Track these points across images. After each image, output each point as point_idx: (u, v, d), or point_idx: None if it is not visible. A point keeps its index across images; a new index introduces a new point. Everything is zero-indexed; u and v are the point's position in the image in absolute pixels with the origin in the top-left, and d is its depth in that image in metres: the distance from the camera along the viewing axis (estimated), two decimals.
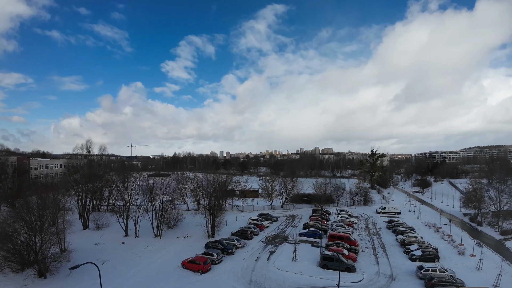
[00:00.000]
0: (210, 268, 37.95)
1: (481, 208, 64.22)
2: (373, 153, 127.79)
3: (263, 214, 68.22)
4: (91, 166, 78.13)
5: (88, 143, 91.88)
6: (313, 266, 39.43)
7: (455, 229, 58.41)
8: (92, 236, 52.20)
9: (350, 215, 70.43)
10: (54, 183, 67.84)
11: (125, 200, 54.96)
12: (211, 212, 52.51)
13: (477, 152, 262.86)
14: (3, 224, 37.44)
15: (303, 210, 78.55)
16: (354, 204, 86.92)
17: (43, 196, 43.02)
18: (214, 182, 61.86)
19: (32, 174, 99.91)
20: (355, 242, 47.54)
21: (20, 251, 35.63)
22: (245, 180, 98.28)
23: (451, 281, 33.38)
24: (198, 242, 49.13)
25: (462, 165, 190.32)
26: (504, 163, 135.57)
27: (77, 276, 34.77)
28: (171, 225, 56.05)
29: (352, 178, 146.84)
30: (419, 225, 62.51)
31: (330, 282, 34.09)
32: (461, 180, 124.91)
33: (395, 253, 45.53)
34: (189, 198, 77.47)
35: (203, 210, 55.79)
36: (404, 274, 37.50)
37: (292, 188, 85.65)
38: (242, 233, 51.74)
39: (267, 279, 35.43)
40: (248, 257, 42.75)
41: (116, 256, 42.69)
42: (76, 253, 43.02)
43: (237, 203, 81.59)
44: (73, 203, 59.32)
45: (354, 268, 38.18)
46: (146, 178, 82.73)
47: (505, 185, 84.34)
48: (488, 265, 39.40)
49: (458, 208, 78.22)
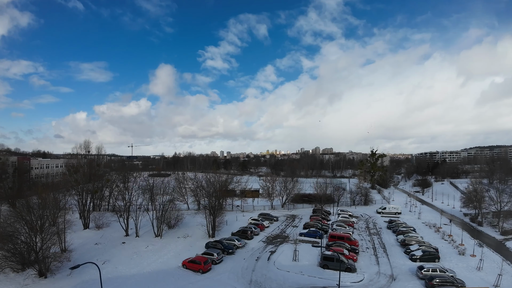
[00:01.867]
0: (211, 268, 37.97)
1: (482, 208, 64.11)
2: (374, 153, 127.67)
3: (264, 214, 68.19)
4: (91, 166, 78.08)
5: (86, 142, 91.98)
6: (314, 266, 39.43)
7: (456, 229, 58.34)
8: (93, 236, 52.25)
9: (350, 215, 70.42)
10: (54, 183, 67.86)
11: (125, 200, 55.03)
12: (212, 212, 52.54)
13: (478, 152, 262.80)
14: (4, 224, 37.65)
15: (304, 210, 78.48)
16: (355, 204, 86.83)
17: (43, 196, 43.11)
18: (214, 182, 61.87)
19: (33, 174, 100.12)
20: (356, 242, 47.55)
21: (21, 251, 35.73)
22: (245, 180, 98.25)
23: (452, 281, 33.39)
24: (198, 242, 49.16)
25: (463, 165, 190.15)
26: (504, 163, 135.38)
27: (77, 276, 34.88)
28: (171, 225, 56.07)
29: (353, 178, 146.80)
30: (420, 225, 62.44)
31: (331, 282, 34.10)
32: (461, 180, 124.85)
33: (396, 253, 45.49)
34: (190, 198, 77.54)
35: (204, 210, 55.80)
36: (405, 274, 37.50)
37: (293, 188, 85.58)
38: (243, 233, 51.77)
39: (268, 279, 35.43)
40: (249, 257, 42.76)
41: (117, 256, 42.77)
42: (77, 253, 43.20)
43: (237, 203, 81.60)
44: (73, 203, 59.40)
45: (355, 268, 38.19)
46: (146, 178, 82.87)
47: (506, 185, 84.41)
48: (489, 265, 39.36)
49: (459, 208, 78.15)
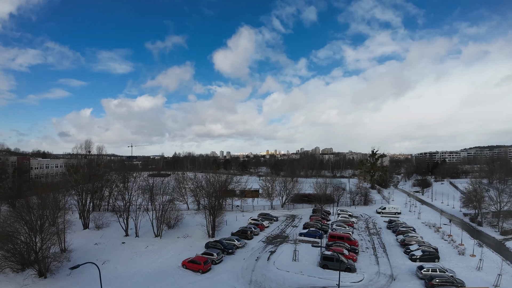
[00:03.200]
0: (210, 268, 37.98)
1: (482, 208, 64.16)
2: (374, 153, 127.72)
3: (263, 214, 68.20)
4: (91, 166, 78.09)
5: (87, 142, 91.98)
6: (313, 266, 39.42)
7: (455, 229, 58.34)
8: (92, 236, 52.21)
9: (350, 215, 70.46)
10: (54, 183, 67.84)
11: (125, 200, 55.01)
12: (211, 212, 52.54)
13: (478, 152, 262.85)
14: (4, 224, 37.58)
15: (303, 210, 78.50)
16: (354, 204, 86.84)
17: (43, 196, 43.12)
18: (214, 182, 61.87)
19: (33, 174, 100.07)
20: (355, 242, 47.56)
21: (21, 251, 35.71)
22: (245, 180, 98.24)
23: (451, 281, 33.38)
24: (198, 242, 49.16)
25: (463, 165, 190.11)
26: (504, 163, 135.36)
27: (77, 276, 34.86)
28: (171, 225, 56.06)
29: (353, 178, 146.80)
30: (419, 225, 62.44)
31: (330, 282, 34.09)
32: (461, 180, 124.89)
33: (395, 253, 45.50)
34: (190, 198, 77.52)
35: (203, 210, 55.80)
36: (404, 274, 37.50)
37: (292, 188, 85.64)
38: (242, 233, 51.78)
39: (267, 279, 35.43)
40: (248, 257, 42.76)
41: (117, 256, 42.75)
42: (76, 253, 43.18)
43: (237, 203, 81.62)
44: (73, 203, 59.36)
45: (354, 268, 38.19)
46: (146, 178, 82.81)
47: (506, 185, 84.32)
48: (488, 265, 39.34)
49: (459, 208, 78.19)
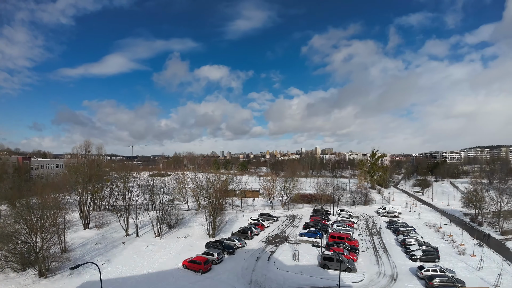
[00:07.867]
0: (211, 268, 37.97)
1: (482, 208, 64.16)
2: (374, 153, 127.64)
3: (264, 214, 68.16)
4: (91, 166, 78.03)
5: (87, 142, 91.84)
6: (314, 266, 39.42)
7: (456, 229, 58.36)
8: (93, 236, 52.18)
9: (350, 215, 70.42)
10: (54, 183, 67.87)
11: (125, 199, 55.03)
12: (212, 212, 52.53)
13: (478, 152, 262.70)
14: (4, 224, 37.64)
15: (304, 210, 78.50)
16: (355, 204, 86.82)
17: (43, 196, 43.12)
18: (214, 182, 61.87)
19: (33, 174, 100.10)
20: (356, 242, 47.59)
21: (21, 251, 35.75)
22: (245, 180, 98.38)
23: (452, 281, 33.39)
24: (198, 241, 49.15)
25: (463, 165, 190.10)
26: (504, 163, 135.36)
27: (77, 276, 34.87)
28: (171, 225, 56.03)
29: (353, 178, 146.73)
30: (420, 225, 62.42)
31: (331, 282, 34.09)
32: (461, 180, 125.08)
33: (396, 253, 45.48)
34: (190, 198, 77.53)
35: (204, 210, 55.82)
36: (405, 274, 37.49)
37: (293, 188, 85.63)
38: (243, 233, 51.76)
39: (268, 279, 35.42)
40: (249, 257, 42.74)
41: (117, 256, 42.75)
42: (77, 253, 43.21)
43: (237, 203, 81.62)
44: (73, 203, 59.39)
45: (355, 268, 38.18)
46: (146, 178, 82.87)
47: (506, 185, 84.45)
48: (489, 265, 39.37)
49: (459, 208, 78.19)
